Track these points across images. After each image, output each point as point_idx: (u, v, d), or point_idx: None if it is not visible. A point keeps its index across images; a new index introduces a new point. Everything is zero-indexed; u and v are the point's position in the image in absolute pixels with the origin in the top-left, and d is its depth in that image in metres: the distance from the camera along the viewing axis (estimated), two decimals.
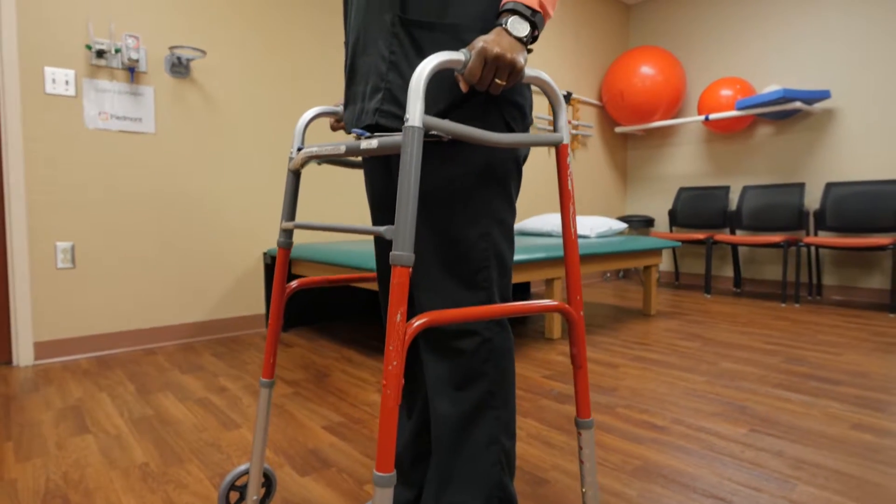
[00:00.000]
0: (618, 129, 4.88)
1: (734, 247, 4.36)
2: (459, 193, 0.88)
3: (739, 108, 3.98)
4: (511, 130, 0.90)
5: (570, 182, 0.87)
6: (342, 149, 0.81)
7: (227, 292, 2.81)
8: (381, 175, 1.04)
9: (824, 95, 3.79)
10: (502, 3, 0.82)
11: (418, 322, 0.75)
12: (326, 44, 3.11)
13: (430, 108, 0.87)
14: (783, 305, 3.66)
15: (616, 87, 4.56)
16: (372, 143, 0.76)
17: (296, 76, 3.00)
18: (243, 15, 2.79)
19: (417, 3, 0.86)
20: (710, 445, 1.48)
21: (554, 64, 4.41)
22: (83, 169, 2.38)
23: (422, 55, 0.86)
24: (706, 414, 1.71)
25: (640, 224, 4.76)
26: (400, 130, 0.90)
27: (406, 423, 1.14)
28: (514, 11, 0.80)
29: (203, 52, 2.53)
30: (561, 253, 2.61)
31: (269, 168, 2.92)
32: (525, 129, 0.95)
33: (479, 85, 0.77)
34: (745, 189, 4.30)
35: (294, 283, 1.18)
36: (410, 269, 0.72)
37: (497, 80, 0.78)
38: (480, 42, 0.75)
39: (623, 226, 3.42)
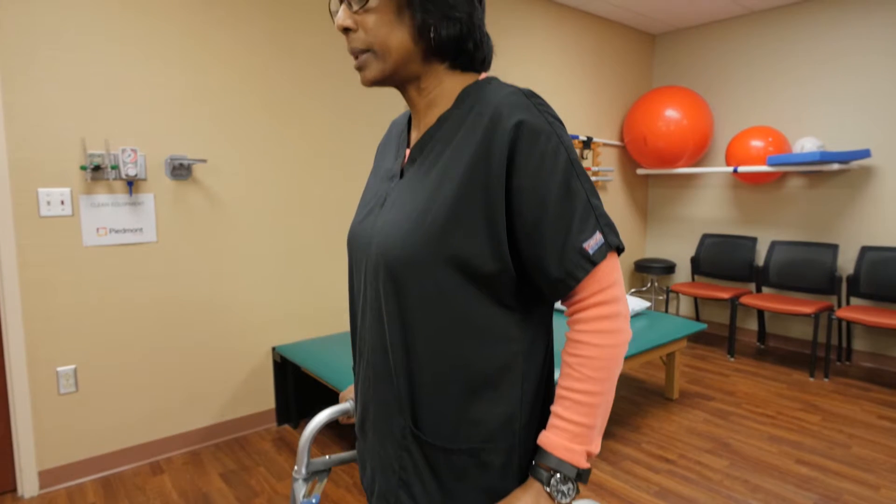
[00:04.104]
0: (639, 171, 4.67)
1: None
2: None
3: (771, 164, 3.76)
4: None
5: None
6: None
7: (234, 392, 2.73)
8: None
9: (863, 155, 3.56)
10: (541, 441, 0.69)
11: None
12: (340, 120, 2.94)
13: None
14: (811, 380, 3.51)
15: (639, 129, 4.34)
16: None
17: (306, 158, 2.84)
18: (246, 109, 2.63)
19: (429, 418, 0.72)
20: None
21: (573, 104, 4.19)
22: (82, 289, 2.27)
23: (438, 479, 0.73)
24: None
25: (661, 271, 4.59)
26: None
27: None
28: (557, 470, 0.66)
29: (204, 160, 2.38)
30: None
31: (276, 258, 2.79)
32: None
33: None
34: (774, 244, 4.10)
35: None
36: None
37: None
38: None
39: (645, 304, 3.27)
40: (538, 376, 0.76)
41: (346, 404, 1.03)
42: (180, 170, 2.45)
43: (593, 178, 4.35)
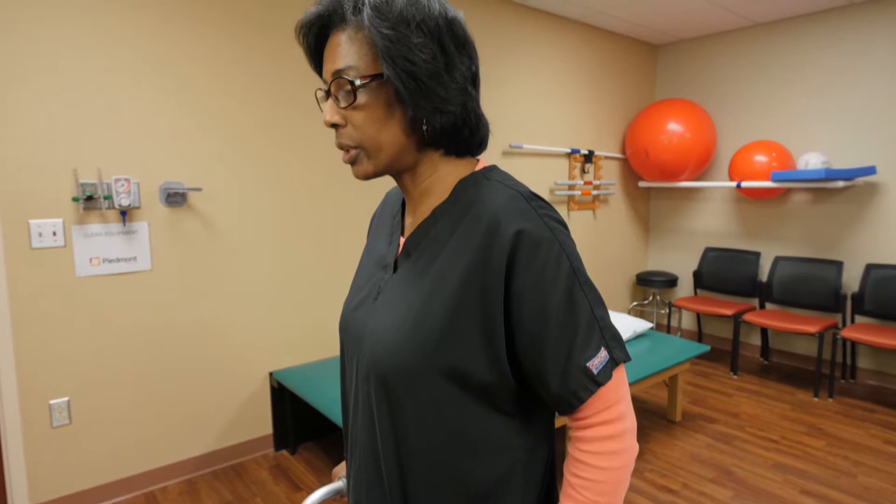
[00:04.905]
0: (641, 184, 4.62)
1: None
2: None
3: (775, 181, 3.71)
4: None
5: None
6: None
7: (231, 419, 2.69)
8: None
9: (869, 172, 3.51)
10: None
11: None
12: (333, 143, 2.90)
13: None
14: (815, 400, 3.47)
15: (641, 142, 4.29)
16: None
17: (303, 180, 2.80)
18: (242, 133, 2.58)
19: None
20: None
21: (575, 116, 4.14)
22: (75, 320, 2.23)
23: None
24: None
25: (663, 284, 4.55)
26: None
27: None
28: None
29: (199, 188, 2.34)
30: None
31: (273, 281, 2.75)
32: None
33: None
34: (778, 259, 4.05)
35: None
36: None
37: None
38: None
39: (648, 325, 3.23)
40: (540, 484, 0.72)
41: (338, 483, 0.99)
42: (175, 196, 2.41)
43: (595, 192, 4.31)
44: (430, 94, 0.65)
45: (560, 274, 0.63)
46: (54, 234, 2.16)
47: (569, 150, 4.06)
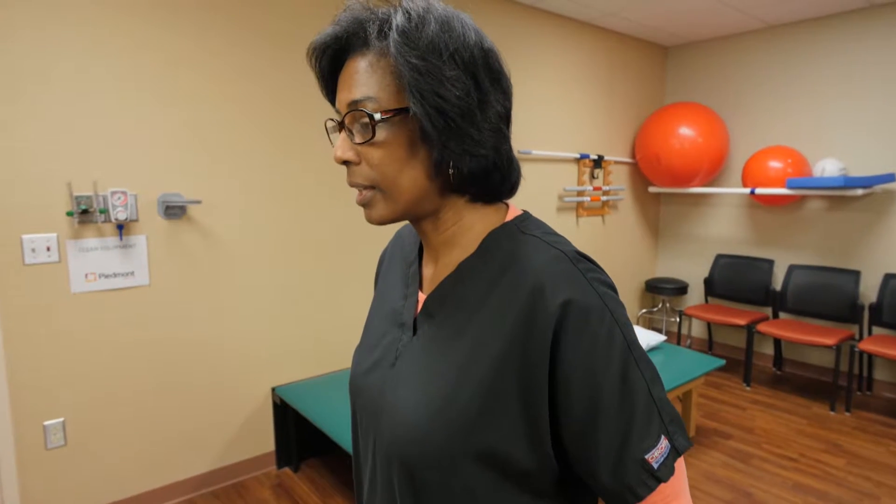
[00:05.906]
0: (651, 189, 4.52)
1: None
2: None
3: (791, 188, 3.61)
4: None
5: None
6: None
7: (232, 436, 2.61)
8: None
9: (888, 180, 3.41)
10: None
11: None
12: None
13: None
14: (832, 414, 3.38)
15: (652, 147, 4.19)
16: None
17: (306, 190, 2.71)
18: (243, 142, 2.49)
19: None
20: None
21: (584, 120, 4.04)
22: (70, 338, 2.15)
23: None
24: None
25: (673, 292, 4.45)
26: None
27: None
28: None
29: (199, 201, 2.26)
30: None
31: (275, 294, 2.67)
32: None
33: None
34: (792, 268, 3.95)
35: None
36: None
37: None
38: None
39: (661, 338, 3.13)
40: None
41: None
42: (174, 209, 2.32)
43: (604, 198, 4.21)
44: (460, 135, 0.56)
45: (613, 349, 0.54)
46: (48, 249, 2.07)
47: (578, 156, 3.97)
